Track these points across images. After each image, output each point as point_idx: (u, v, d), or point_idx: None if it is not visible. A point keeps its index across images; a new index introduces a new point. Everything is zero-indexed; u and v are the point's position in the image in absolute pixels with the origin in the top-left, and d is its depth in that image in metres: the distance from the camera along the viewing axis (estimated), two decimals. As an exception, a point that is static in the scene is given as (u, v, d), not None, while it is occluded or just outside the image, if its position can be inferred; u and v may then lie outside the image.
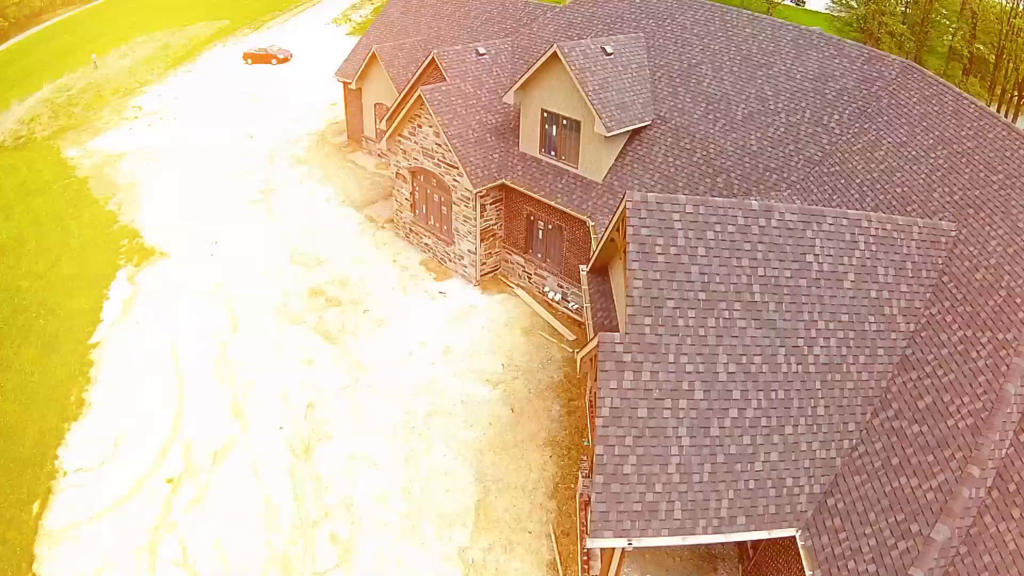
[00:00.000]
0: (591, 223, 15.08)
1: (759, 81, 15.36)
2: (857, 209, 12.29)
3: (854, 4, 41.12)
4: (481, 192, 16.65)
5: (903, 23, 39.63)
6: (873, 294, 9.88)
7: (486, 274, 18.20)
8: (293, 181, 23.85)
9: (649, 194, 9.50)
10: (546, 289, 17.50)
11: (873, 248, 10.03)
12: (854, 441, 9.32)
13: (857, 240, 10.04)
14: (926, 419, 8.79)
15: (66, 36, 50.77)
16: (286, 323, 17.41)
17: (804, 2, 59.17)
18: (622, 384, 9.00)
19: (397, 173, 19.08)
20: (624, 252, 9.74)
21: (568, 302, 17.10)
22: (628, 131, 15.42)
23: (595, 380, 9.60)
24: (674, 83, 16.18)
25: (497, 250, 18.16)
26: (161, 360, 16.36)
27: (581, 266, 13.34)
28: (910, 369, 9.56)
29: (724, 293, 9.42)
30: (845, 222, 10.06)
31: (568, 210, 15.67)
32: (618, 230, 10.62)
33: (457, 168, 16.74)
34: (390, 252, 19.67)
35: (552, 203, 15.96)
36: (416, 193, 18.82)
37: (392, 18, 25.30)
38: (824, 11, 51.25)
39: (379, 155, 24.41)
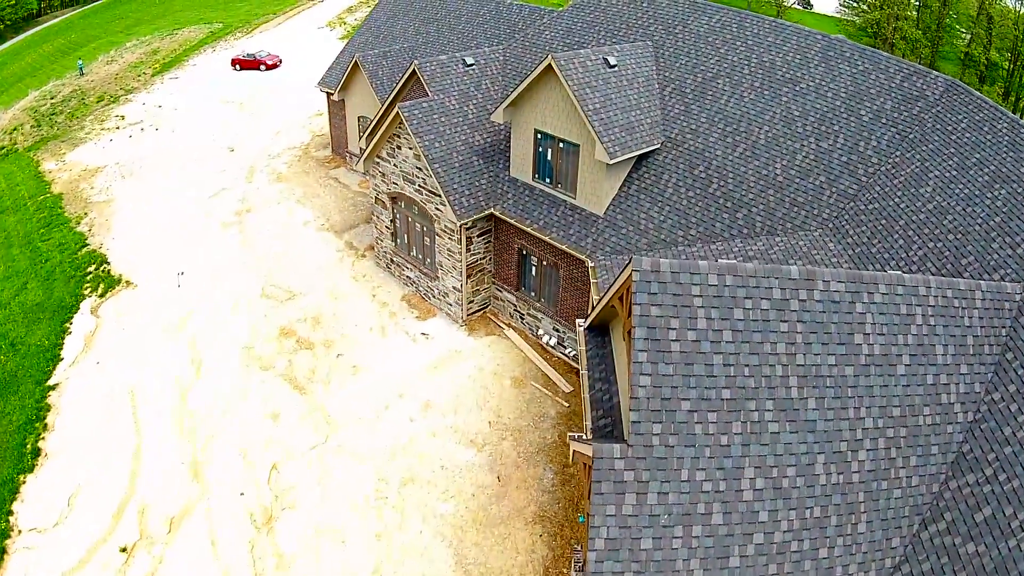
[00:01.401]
0: (591, 264, 12.95)
1: (784, 99, 13.09)
2: (903, 260, 10.09)
3: (866, 8, 38.47)
4: (466, 224, 14.60)
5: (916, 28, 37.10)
6: (929, 379, 7.86)
7: (473, 313, 16.09)
8: (271, 201, 21.84)
9: (662, 261, 7.32)
10: (540, 332, 15.36)
11: (932, 322, 7.95)
12: (897, 559, 7.38)
13: (914, 313, 7.91)
14: (984, 536, 6.95)
15: (59, 39, 49.10)
16: (253, 368, 15.47)
17: (811, 5, 56.42)
18: (622, 511, 6.90)
19: (376, 198, 16.97)
20: (628, 334, 7.68)
21: (564, 347, 14.99)
22: (634, 156, 13.26)
23: (587, 497, 7.57)
24: (687, 100, 13.91)
25: (486, 286, 16.00)
26: (120, 407, 14.73)
27: (578, 321, 11.23)
28: (967, 471, 7.63)
29: (754, 390, 7.25)
30: (901, 291, 7.90)
31: (564, 247, 13.53)
32: (621, 299, 8.48)
33: (440, 196, 14.63)
34: (369, 285, 17.61)
35: (546, 238, 13.81)
36: (397, 221, 16.75)
37: (379, 23, 23.15)
38: (834, 14, 48.59)
39: (363, 172, 22.45)
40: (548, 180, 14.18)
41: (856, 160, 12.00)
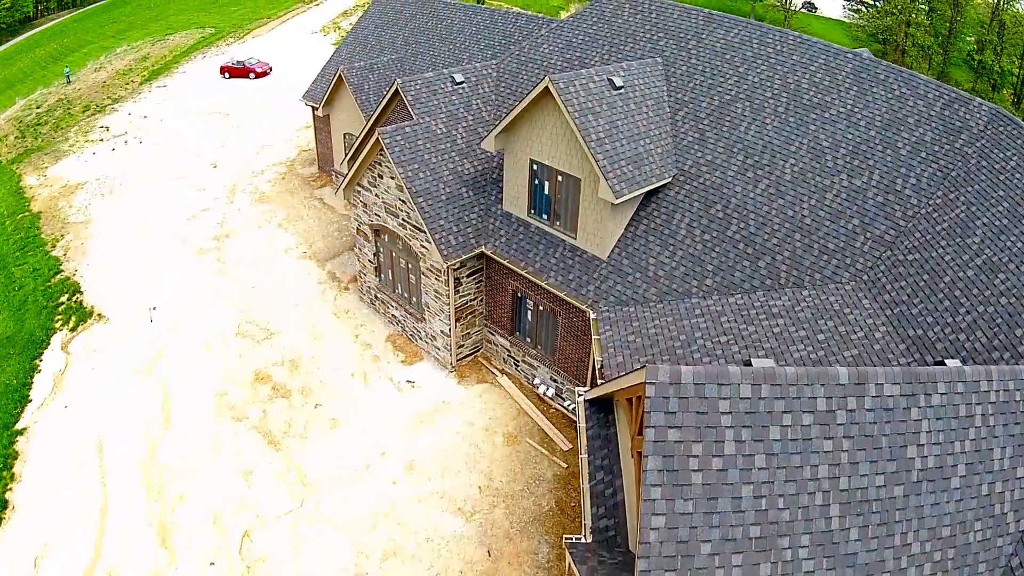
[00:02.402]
0: (593, 315, 11.28)
1: (812, 127, 11.29)
2: (948, 325, 8.45)
3: (876, 14, 36.33)
4: (454, 265, 12.99)
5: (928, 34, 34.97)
6: (984, 489, 6.42)
7: (464, 358, 14.41)
8: (252, 223, 20.19)
9: (684, 370, 5.64)
10: (536, 381, 13.70)
11: (991, 422, 6.47)
12: None
13: (973, 414, 6.42)
14: None
15: (52, 44, 47.46)
16: (225, 418, 13.91)
17: (816, 8, 54.20)
18: None
19: (358, 229, 15.31)
20: (639, 454, 6.05)
21: (563, 399, 13.36)
22: (642, 193, 11.49)
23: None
24: (702, 127, 12.11)
25: (477, 329, 14.31)
26: (87, 458, 13.39)
27: (579, 390, 9.58)
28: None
29: (788, 524, 5.61)
30: (961, 388, 6.41)
31: (563, 295, 11.84)
32: (631, 402, 6.88)
33: (425, 232, 13.01)
34: (352, 323, 15.95)
35: (543, 284, 12.13)
36: (380, 255, 15.07)
37: (367, 32, 21.37)
38: (842, 18, 46.42)
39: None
40: (545, 216, 12.42)
41: (893, 201, 10.26)
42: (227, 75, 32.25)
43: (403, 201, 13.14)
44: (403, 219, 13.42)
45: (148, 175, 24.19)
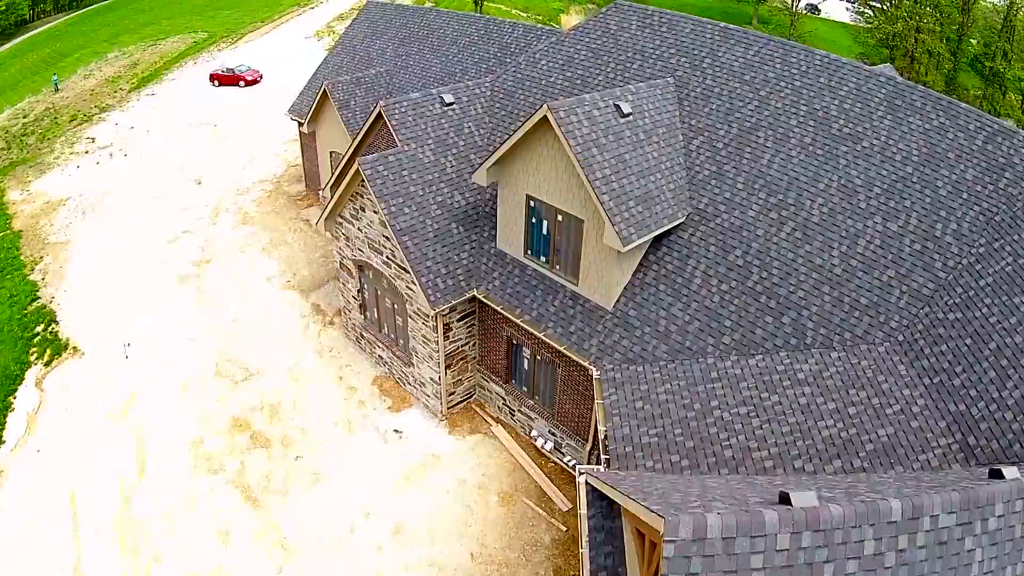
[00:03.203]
0: (596, 373, 9.88)
1: (843, 162, 9.76)
2: (994, 402, 7.15)
3: (885, 20, 34.36)
4: (443, 312, 11.59)
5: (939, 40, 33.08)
6: None
7: (455, 405, 13.01)
8: (234, 248, 18.75)
9: (710, 521, 4.26)
10: (534, 434, 12.28)
11: None
12: None
13: None
14: None
15: (46, 48, 45.82)
16: (201, 470, 12.55)
17: (819, 11, 52.17)
18: None
19: (341, 263, 13.86)
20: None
21: (562, 453, 11.98)
22: (652, 237, 9.96)
23: None
24: (719, 158, 10.55)
25: (469, 375, 12.87)
26: (60, 510, 12.16)
27: (579, 469, 8.21)
28: None
29: None
30: (1020, 506, 5.21)
31: (562, 349, 10.36)
32: (642, 535, 5.50)
33: (410, 273, 11.61)
34: (336, 363, 14.52)
35: (540, 335, 10.67)
36: (365, 292, 13.67)
37: (355, 42, 19.79)
38: (849, 22, 44.48)
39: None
40: (544, 259, 10.92)
41: (932, 249, 8.83)
42: (217, 83, 30.66)
43: (387, 238, 11.71)
44: (387, 257, 11.99)
45: (131, 192, 22.78)
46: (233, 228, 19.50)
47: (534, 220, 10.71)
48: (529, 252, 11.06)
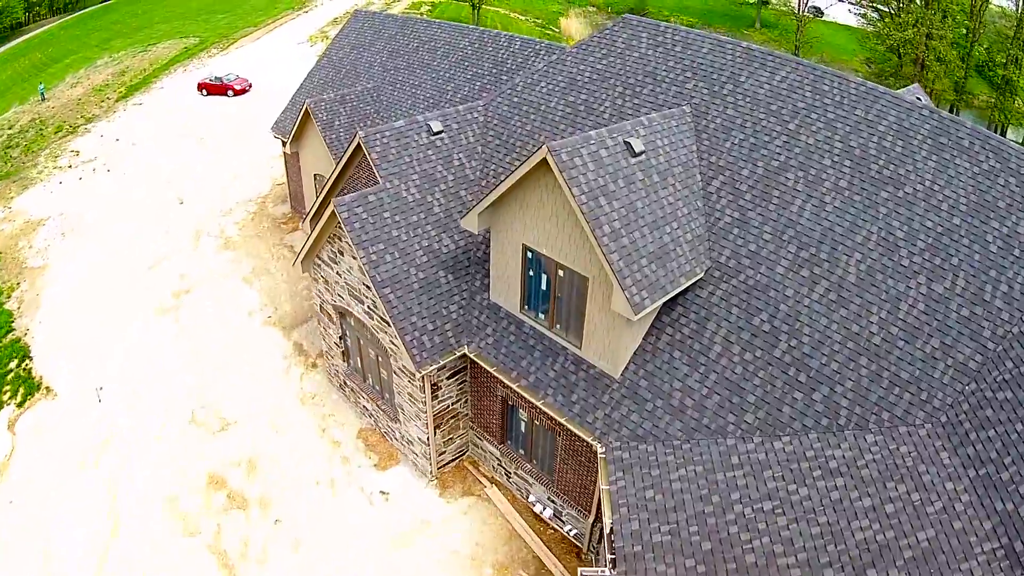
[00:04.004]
0: (601, 451, 8.43)
1: (883, 210, 8.24)
2: None
3: (896, 27, 32.37)
4: (430, 373, 9.97)
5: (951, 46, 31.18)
6: None
7: (447, 464, 11.57)
8: (215, 276, 17.18)
9: None
10: (532, 499, 10.86)
11: None
12: None
13: None
14: None
15: (37, 53, 43.97)
16: (176, 531, 11.13)
17: (823, 13, 50.29)
18: None
19: (321, 307, 12.40)
20: None
21: (562, 521, 10.56)
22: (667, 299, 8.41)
23: None
24: (742, 203, 8.96)
25: (462, 432, 11.40)
26: (32, 569, 10.80)
27: (582, 571, 6.82)
28: None
29: None
30: None
31: (563, 420, 8.84)
32: None
33: (393, 328, 10.12)
34: (319, 413, 13.03)
35: (539, 403, 9.15)
36: (347, 339, 12.20)
37: (341, 55, 18.13)
38: (852, 24, 42.43)
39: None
40: (543, 316, 9.38)
41: (980, 315, 7.42)
42: (204, 92, 28.95)
43: (368, 286, 10.24)
44: (369, 307, 10.48)
45: (112, 211, 21.27)
46: (215, 253, 17.97)
47: (532, 273, 9.18)
48: (526, 307, 9.54)
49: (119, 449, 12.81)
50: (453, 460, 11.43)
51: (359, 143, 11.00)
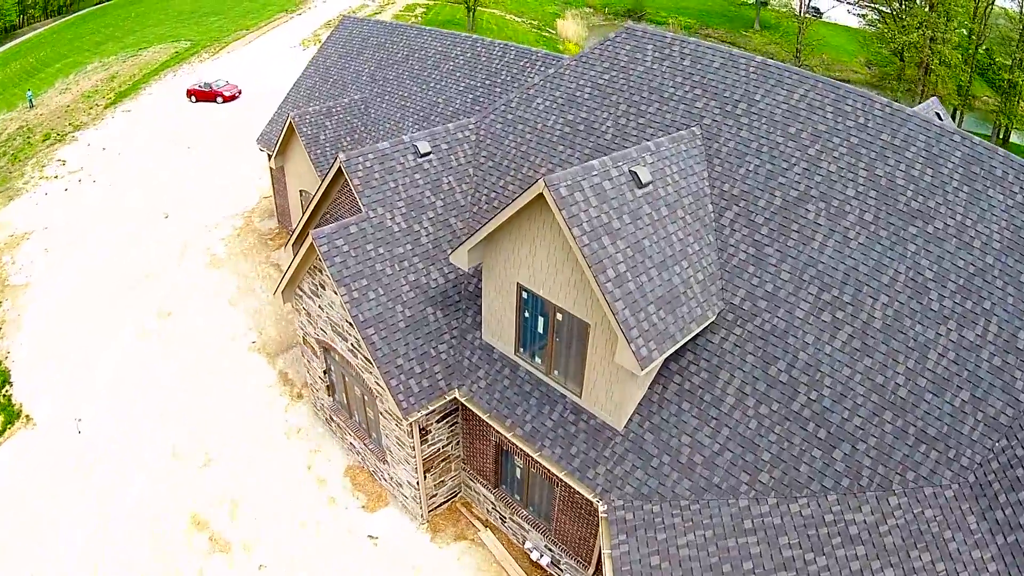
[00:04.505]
0: (603, 510, 7.60)
1: (911, 247, 7.35)
2: None
3: (900, 30, 31.23)
4: (418, 419, 9.02)
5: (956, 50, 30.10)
6: None
7: (438, 507, 10.68)
8: (199, 295, 16.20)
9: None
10: (528, 545, 10.01)
11: None
12: None
13: None
14: None
15: (29, 56, 42.68)
16: (159, 577, 10.46)
17: (821, 14, 49.14)
18: None
19: (304, 340, 11.51)
20: None
21: (561, 569, 9.75)
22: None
23: None
24: (758, 237, 8.05)
25: (454, 473, 10.51)
26: None
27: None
28: None
29: None
30: None
31: (561, 475, 7.95)
32: None
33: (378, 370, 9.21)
34: (304, 448, 12.11)
35: (534, 455, 8.24)
36: (332, 373, 11.33)
37: (328, 64, 17.10)
38: (853, 25, 41.25)
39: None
40: (539, 360, 8.47)
41: (1013, 365, 6.57)
42: (194, 99, 27.81)
43: (351, 323, 9.35)
44: (353, 345, 9.59)
45: (96, 225, 20.28)
46: (200, 270, 17.01)
47: (527, 314, 8.27)
48: (522, 350, 8.63)
49: (100, 486, 11.93)
50: (445, 502, 10.55)
51: (340, 167, 10.07)
